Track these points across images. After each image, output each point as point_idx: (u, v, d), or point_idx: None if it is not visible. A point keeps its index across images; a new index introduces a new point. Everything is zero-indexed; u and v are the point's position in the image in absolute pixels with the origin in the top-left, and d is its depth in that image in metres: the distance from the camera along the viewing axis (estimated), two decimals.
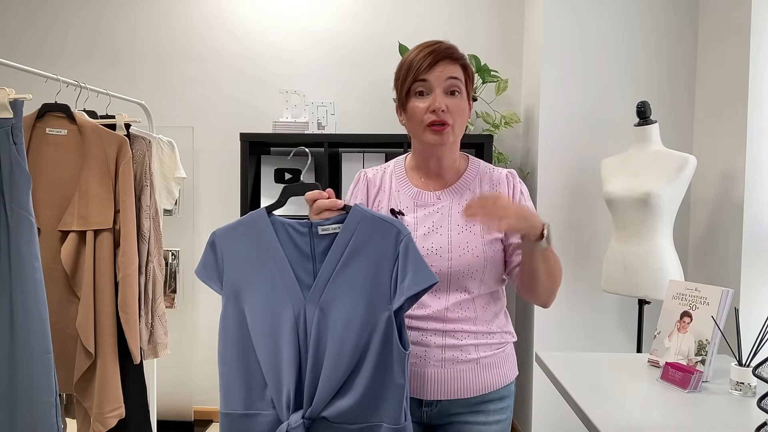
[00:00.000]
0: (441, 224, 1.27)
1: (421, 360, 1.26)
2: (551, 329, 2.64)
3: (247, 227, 1.16)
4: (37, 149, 1.90)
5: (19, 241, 1.48)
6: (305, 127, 2.86)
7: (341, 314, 1.10)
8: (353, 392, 1.09)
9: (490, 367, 1.29)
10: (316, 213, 1.15)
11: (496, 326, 1.31)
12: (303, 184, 1.19)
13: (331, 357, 1.09)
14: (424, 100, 1.24)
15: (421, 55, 1.24)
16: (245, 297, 1.14)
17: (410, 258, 1.09)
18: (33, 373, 1.50)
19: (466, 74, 1.27)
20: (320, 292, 1.11)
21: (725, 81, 2.38)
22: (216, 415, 3.28)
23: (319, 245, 1.13)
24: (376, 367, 1.09)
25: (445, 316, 1.25)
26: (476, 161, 1.38)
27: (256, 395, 1.13)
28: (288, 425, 1.08)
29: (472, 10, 3.11)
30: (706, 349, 1.49)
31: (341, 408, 1.09)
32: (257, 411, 1.13)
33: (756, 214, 2.19)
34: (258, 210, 1.17)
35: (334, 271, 1.11)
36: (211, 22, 3.23)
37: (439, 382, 1.26)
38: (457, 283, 1.26)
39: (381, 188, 1.36)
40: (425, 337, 1.26)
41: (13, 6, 3.31)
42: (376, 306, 1.09)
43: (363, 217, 1.12)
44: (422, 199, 1.31)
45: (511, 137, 3.07)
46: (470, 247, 1.25)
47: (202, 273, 1.16)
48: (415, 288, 1.08)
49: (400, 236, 1.11)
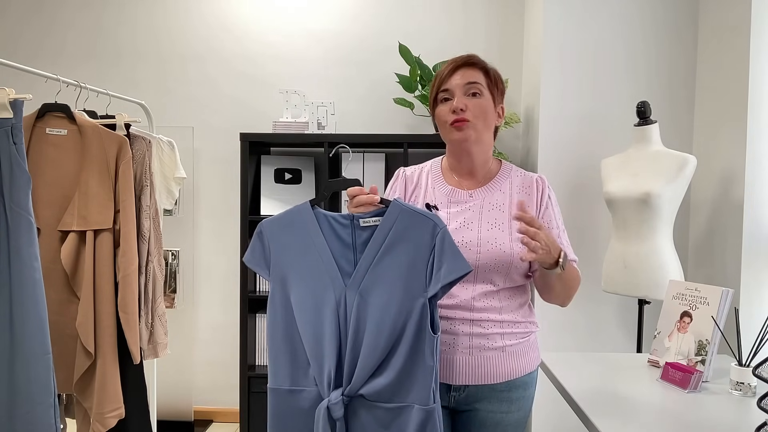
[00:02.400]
0: (472, 220, 1.36)
1: (449, 347, 1.33)
2: (552, 329, 2.63)
3: (292, 218, 1.25)
4: (37, 149, 1.90)
5: (19, 241, 1.48)
6: (305, 127, 2.86)
7: (380, 299, 1.18)
8: (389, 372, 1.17)
9: (516, 355, 1.36)
10: (355, 206, 1.24)
11: (521, 316, 1.39)
12: (345, 180, 1.28)
13: (370, 339, 1.17)
14: (448, 104, 1.38)
15: (444, 67, 1.40)
16: (291, 283, 1.23)
17: (446, 248, 1.16)
18: (32, 373, 1.50)
19: (488, 77, 1.40)
20: (360, 279, 1.19)
21: (725, 81, 2.38)
22: (216, 415, 3.28)
23: (360, 236, 1.22)
24: (410, 349, 1.16)
25: (472, 306, 1.33)
26: (508, 165, 1.49)
27: (301, 373, 1.22)
28: (329, 401, 1.17)
29: (472, 10, 3.11)
30: (706, 349, 1.49)
31: (377, 386, 1.17)
32: (302, 387, 1.22)
33: (756, 214, 2.19)
34: (302, 203, 1.26)
35: (374, 260, 1.20)
36: (211, 22, 3.23)
37: (467, 368, 1.33)
38: (484, 275, 1.34)
39: (418, 185, 1.46)
40: (454, 326, 1.33)
41: (13, 6, 3.31)
42: (412, 293, 1.17)
43: (401, 210, 1.20)
44: (456, 196, 1.41)
45: (511, 137, 3.07)
46: (498, 243, 1.33)
47: (251, 260, 1.26)
48: (452, 276, 1.15)
49: (436, 229, 1.18)
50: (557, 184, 2.65)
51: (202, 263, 3.26)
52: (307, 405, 1.21)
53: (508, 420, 1.37)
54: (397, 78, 2.89)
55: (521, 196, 1.41)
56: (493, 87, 1.40)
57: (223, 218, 3.25)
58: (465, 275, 1.16)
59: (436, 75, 1.42)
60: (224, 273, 3.24)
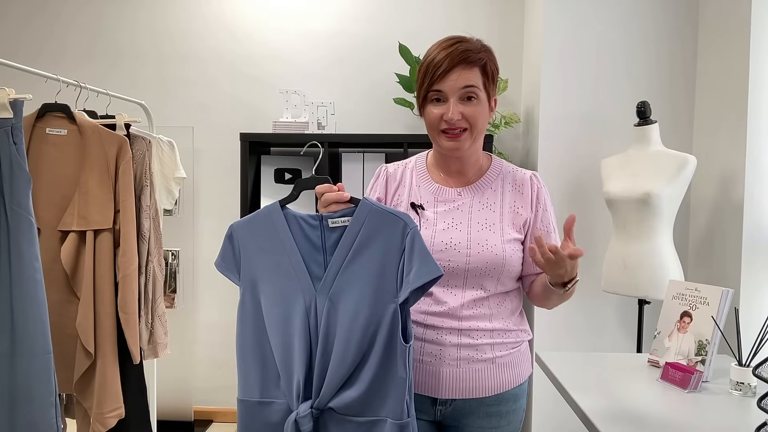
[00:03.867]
0: (461, 220, 1.28)
1: (436, 359, 1.26)
2: (551, 329, 2.63)
3: (262, 220, 1.19)
4: (37, 149, 1.90)
5: (19, 241, 1.48)
6: (305, 127, 2.86)
7: (350, 306, 1.11)
8: (359, 384, 1.11)
9: (506, 366, 1.30)
10: (324, 206, 1.17)
11: (513, 324, 1.32)
12: (315, 178, 1.21)
13: (339, 348, 1.10)
14: (440, 106, 1.26)
15: (438, 58, 1.24)
16: (261, 287, 1.17)
17: (416, 251, 1.10)
18: (33, 373, 1.50)
19: (485, 75, 1.26)
20: (330, 284, 1.13)
21: (725, 81, 2.38)
22: (216, 415, 3.28)
23: (330, 238, 1.16)
24: (381, 360, 1.10)
25: (461, 314, 1.26)
26: (499, 161, 1.39)
27: (271, 384, 1.16)
28: (297, 414, 1.10)
29: (472, 9, 3.11)
30: (706, 349, 1.49)
31: (347, 399, 1.11)
32: (271, 399, 1.16)
33: (756, 214, 2.19)
34: (272, 204, 1.19)
35: (343, 263, 1.13)
36: (211, 22, 3.23)
37: (453, 381, 1.26)
38: (474, 280, 1.26)
39: (402, 183, 1.37)
40: (441, 336, 1.26)
41: (14, 6, 3.31)
42: (383, 298, 1.11)
43: (371, 210, 1.14)
44: (443, 195, 1.32)
45: (511, 137, 3.07)
46: (489, 245, 1.25)
47: (221, 265, 1.20)
48: (420, 280, 1.08)
49: (406, 229, 1.12)
50: (557, 184, 2.65)
51: (202, 263, 3.26)
52: (277, 418, 1.14)
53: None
54: (397, 78, 2.89)
55: (514, 195, 1.32)
56: (489, 84, 1.27)
57: (223, 218, 3.25)
58: (436, 280, 1.09)
59: (426, 63, 1.26)
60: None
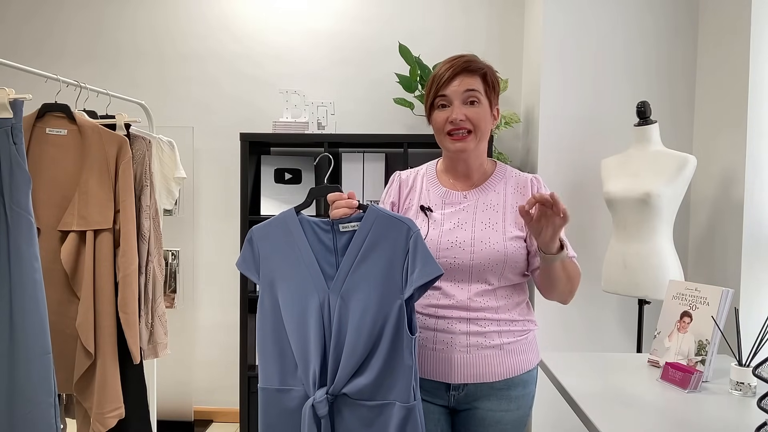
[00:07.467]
0: (466, 221, 1.38)
1: (447, 346, 1.35)
2: (551, 329, 2.63)
3: (279, 225, 1.31)
4: (37, 149, 1.90)
5: (19, 241, 1.48)
6: (305, 127, 2.86)
7: (359, 303, 1.23)
8: (369, 372, 1.22)
9: (514, 353, 1.37)
10: (335, 212, 1.28)
11: (519, 314, 1.39)
12: (326, 187, 1.32)
13: (351, 340, 1.22)
14: (445, 111, 1.38)
15: (442, 70, 1.38)
16: (278, 286, 1.29)
17: (419, 252, 1.21)
18: (32, 373, 1.50)
19: (486, 84, 1.38)
20: (341, 283, 1.25)
21: (725, 81, 2.38)
22: (216, 415, 3.28)
23: (341, 241, 1.28)
24: (389, 350, 1.21)
25: (468, 306, 1.35)
26: (503, 166, 1.49)
27: (289, 373, 1.28)
28: (314, 399, 1.22)
29: (472, 10, 3.11)
30: (706, 349, 1.49)
31: (359, 385, 1.22)
32: (290, 387, 1.28)
33: (756, 214, 2.19)
34: (288, 210, 1.31)
35: (353, 264, 1.25)
36: (211, 22, 3.23)
37: (464, 366, 1.34)
38: (479, 275, 1.35)
39: (413, 188, 1.48)
40: (450, 325, 1.35)
41: (14, 6, 3.31)
42: (389, 295, 1.22)
43: (378, 216, 1.25)
44: (450, 197, 1.43)
45: (511, 137, 3.07)
46: (491, 243, 1.35)
47: (242, 265, 1.33)
48: (422, 279, 1.19)
49: (410, 233, 1.22)
50: (557, 184, 2.65)
51: (202, 263, 3.26)
52: (295, 404, 1.26)
53: (507, 418, 1.38)
54: (397, 78, 2.89)
55: (516, 197, 1.42)
56: (490, 92, 1.40)
57: (223, 218, 3.25)
58: (436, 278, 1.19)
59: (433, 76, 1.41)
60: (224, 273, 3.24)
